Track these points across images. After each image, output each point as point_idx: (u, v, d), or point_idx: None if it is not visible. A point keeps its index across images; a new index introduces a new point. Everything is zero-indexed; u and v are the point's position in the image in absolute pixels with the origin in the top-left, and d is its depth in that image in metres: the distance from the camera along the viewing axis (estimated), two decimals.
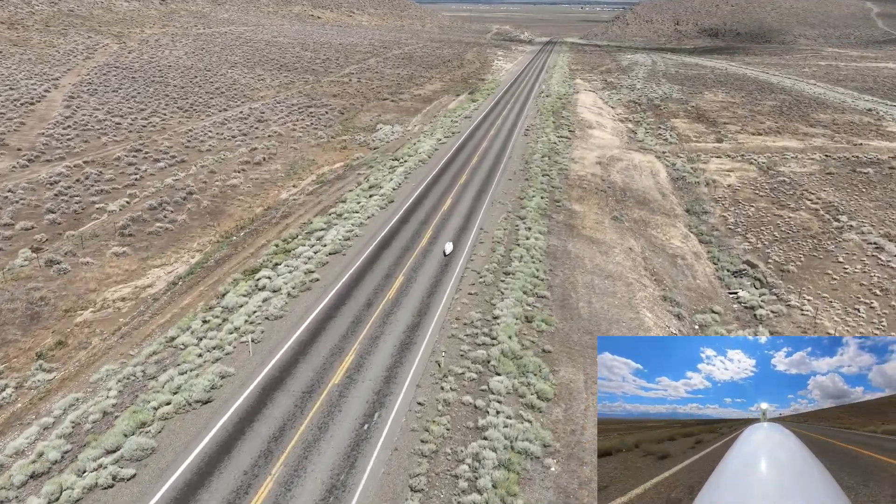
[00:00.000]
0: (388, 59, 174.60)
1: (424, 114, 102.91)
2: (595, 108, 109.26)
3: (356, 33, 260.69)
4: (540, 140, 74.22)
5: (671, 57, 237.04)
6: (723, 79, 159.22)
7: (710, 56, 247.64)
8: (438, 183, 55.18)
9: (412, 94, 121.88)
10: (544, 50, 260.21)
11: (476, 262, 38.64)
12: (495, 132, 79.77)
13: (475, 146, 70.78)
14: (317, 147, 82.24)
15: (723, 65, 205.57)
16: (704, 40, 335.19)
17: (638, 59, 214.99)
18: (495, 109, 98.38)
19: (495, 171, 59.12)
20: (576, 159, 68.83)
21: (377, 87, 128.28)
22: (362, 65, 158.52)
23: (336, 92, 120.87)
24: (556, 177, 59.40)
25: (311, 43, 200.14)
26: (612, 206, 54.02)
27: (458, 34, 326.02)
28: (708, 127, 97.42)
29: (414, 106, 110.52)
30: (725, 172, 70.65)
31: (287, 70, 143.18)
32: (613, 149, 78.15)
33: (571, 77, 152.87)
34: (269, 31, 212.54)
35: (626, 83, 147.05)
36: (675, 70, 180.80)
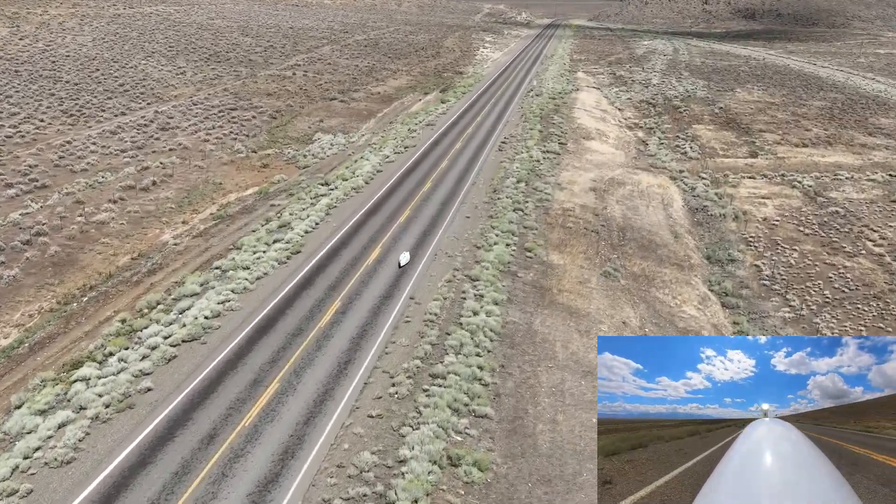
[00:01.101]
0: (346, 47, 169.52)
1: (379, 119, 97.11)
2: (597, 110, 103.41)
3: (314, 14, 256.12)
4: (518, 157, 68.02)
5: (697, 43, 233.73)
6: (759, 71, 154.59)
7: (744, 42, 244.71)
8: (370, 222, 48.57)
9: (368, 93, 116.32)
10: (543, 35, 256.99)
11: (391, 358, 31.50)
12: (462, 145, 73.47)
13: (431, 166, 64.36)
14: (230, 165, 75.93)
15: (760, 53, 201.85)
16: (738, 22, 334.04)
17: (656, 47, 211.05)
18: (469, 113, 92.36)
19: (450, 205, 52.65)
20: (563, 184, 62.41)
21: (326, 83, 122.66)
22: (313, 54, 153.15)
23: (272, 90, 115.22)
24: (532, 212, 52.87)
25: (255, 26, 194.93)
26: (604, 255, 47.30)
27: (441, 15, 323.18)
28: (739, 136, 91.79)
29: (368, 108, 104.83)
30: (760, 200, 64.77)
31: (217, 61, 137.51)
32: (615, 168, 71.98)
33: (572, 70, 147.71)
34: (205, 12, 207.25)
35: (639, 77, 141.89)
36: (701, 60, 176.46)
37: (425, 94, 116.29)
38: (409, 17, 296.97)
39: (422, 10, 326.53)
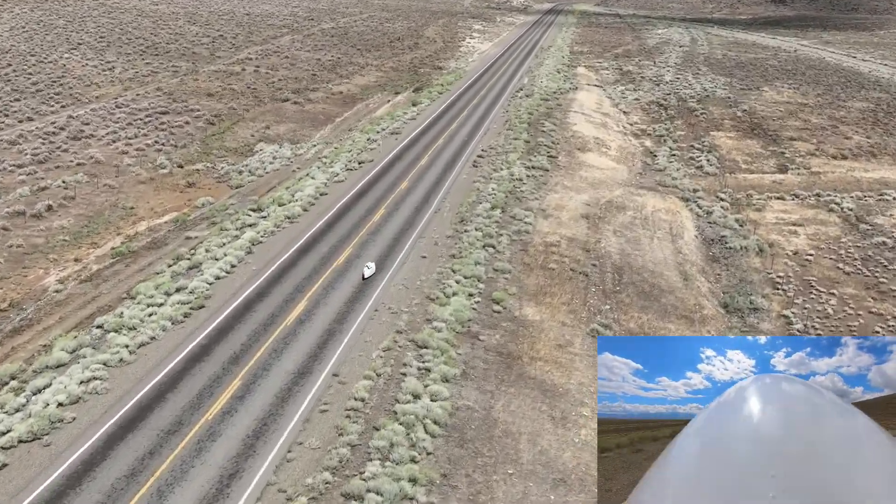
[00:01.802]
0: (309, 38, 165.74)
1: (337, 125, 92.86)
2: (597, 114, 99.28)
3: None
4: (496, 176, 63.80)
5: (719, 32, 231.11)
6: (790, 66, 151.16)
7: (773, 31, 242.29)
8: (299, 265, 44.44)
9: (328, 93, 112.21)
10: (542, 22, 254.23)
11: (293, 468, 26.67)
12: (429, 161, 69.15)
13: (387, 188, 60.07)
14: (147, 184, 71.42)
15: (791, 44, 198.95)
16: (767, 8, 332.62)
17: (671, 36, 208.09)
18: (443, 118, 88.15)
19: (404, 241, 48.39)
20: (549, 210, 58.08)
21: (280, 80, 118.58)
22: (269, 46, 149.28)
23: (215, 89, 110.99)
24: (506, 248, 48.44)
25: (205, 13, 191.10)
26: (593, 306, 42.74)
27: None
28: (766, 145, 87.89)
29: (326, 111, 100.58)
30: (791, 227, 60.59)
31: (154, 54, 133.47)
32: (615, 187, 67.74)
33: (571, 64, 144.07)
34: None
35: (649, 73, 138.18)
36: (723, 52, 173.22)
37: (395, 94, 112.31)
38: (388, 1, 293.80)
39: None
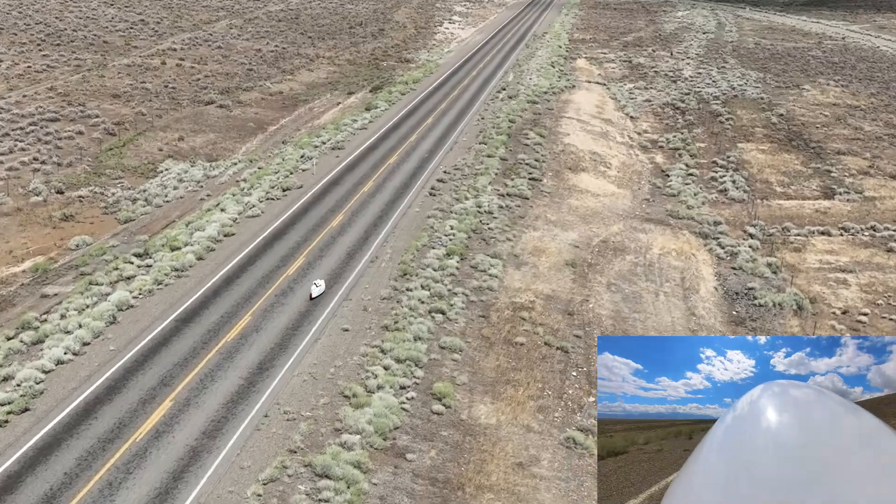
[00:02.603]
0: (252, 23, 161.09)
1: (269, 135, 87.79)
2: (598, 120, 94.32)
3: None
4: (458, 209, 59.09)
5: (751, 15, 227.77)
6: (837, 58, 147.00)
7: (816, 13, 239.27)
8: (176, 342, 39.38)
9: (265, 93, 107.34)
10: (538, 2, 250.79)
11: None
12: (375, 186, 64.18)
13: (316, 224, 55.59)
14: (12, 217, 66.19)
15: (838, 29, 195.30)
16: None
17: (694, 20, 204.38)
18: (402, 127, 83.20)
19: (321, 305, 43.04)
20: (523, 256, 52.95)
21: (208, 76, 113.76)
22: (200, 33, 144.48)
23: (123, 88, 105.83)
24: (459, 314, 43.38)
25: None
26: (573, 399, 37.47)
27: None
28: (807, 161, 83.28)
29: (258, 117, 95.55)
30: (839, 275, 56.02)
31: (55, 43, 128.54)
32: (613, 221, 62.74)
33: (569, 56, 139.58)
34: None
35: (665, 67, 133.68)
36: (755, 41, 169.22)
37: (348, 95, 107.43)
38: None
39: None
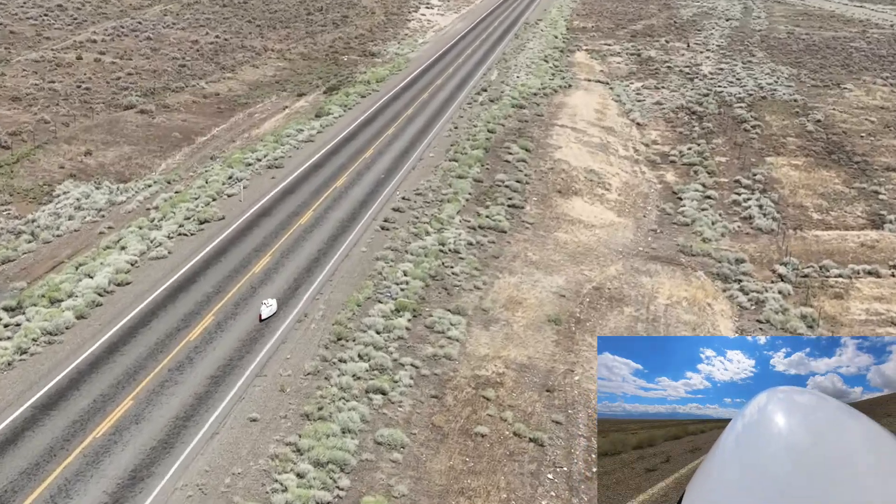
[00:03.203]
0: (191, 8, 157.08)
1: (196, 149, 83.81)
2: (597, 128, 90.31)
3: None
4: (415, 248, 55.68)
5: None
6: (885, 50, 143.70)
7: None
8: (30, 436, 35.93)
9: (198, 95, 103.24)
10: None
11: None
12: (314, 217, 60.71)
13: (234, 269, 51.95)
14: None
15: (886, 15, 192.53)
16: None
17: (716, 4, 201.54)
18: (356, 140, 79.44)
19: (226, 385, 39.35)
20: (494, 310, 48.98)
21: (131, 74, 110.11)
22: (128, 21, 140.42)
23: (26, 90, 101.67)
24: (405, 394, 39.75)
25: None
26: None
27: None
28: (850, 179, 79.80)
29: (186, 126, 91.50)
30: (889, 330, 52.62)
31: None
32: (611, 260, 58.82)
33: (566, 48, 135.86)
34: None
35: (680, 62, 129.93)
36: (788, 29, 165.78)
37: (298, 97, 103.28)
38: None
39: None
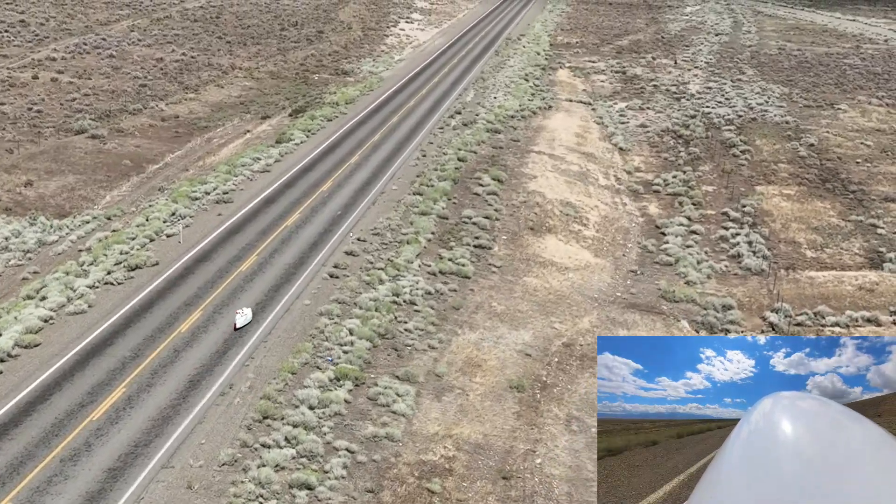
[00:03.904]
0: (160, 23, 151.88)
1: (146, 178, 79.23)
2: (577, 154, 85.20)
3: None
4: (365, 299, 50.92)
5: (773, 11, 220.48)
6: (880, 67, 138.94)
7: (851, 8, 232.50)
8: None
9: (157, 117, 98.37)
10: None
11: None
12: (258, 262, 55.96)
13: (159, 329, 46.72)
14: None
15: (879, 29, 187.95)
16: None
17: (705, 18, 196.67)
18: (316, 169, 74.63)
19: (127, 480, 33.28)
20: (449, 375, 44.82)
21: (88, 94, 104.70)
22: (92, 36, 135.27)
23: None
24: (335, 488, 35.33)
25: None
26: None
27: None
28: (846, 211, 75.42)
29: (139, 152, 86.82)
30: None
31: None
32: (585, 310, 54.28)
33: (548, 65, 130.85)
34: None
35: (667, 80, 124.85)
36: (779, 44, 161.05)
37: (262, 120, 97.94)
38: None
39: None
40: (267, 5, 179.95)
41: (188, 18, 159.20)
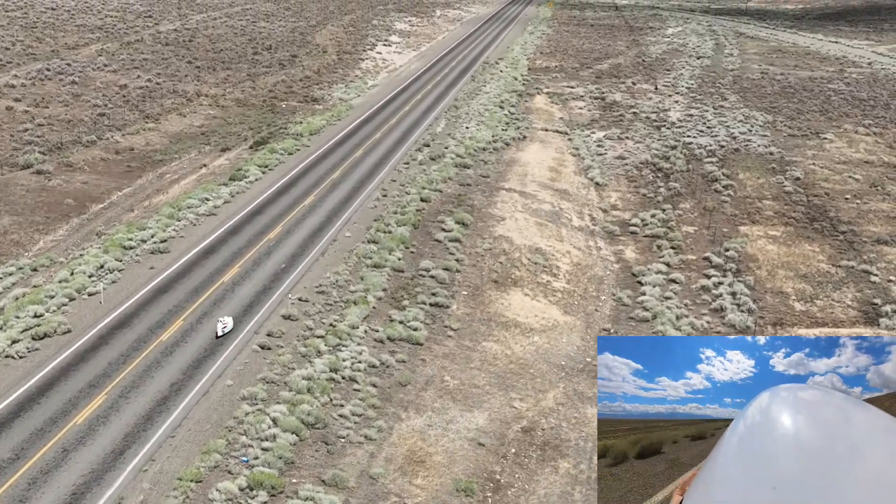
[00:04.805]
0: (130, 47, 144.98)
1: (87, 220, 73.05)
2: (550, 192, 78.49)
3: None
4: (297, 379, 44.05)
5: (755, 32, 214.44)
6: (865, 92, 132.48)
7: (833, 29, 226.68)
8: None
9: (111, 150, 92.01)
10: (501, 16, 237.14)
11: None
12: (183, 329, 49.06)
13: (57, 415, 40.30)
14: None
15: (861, 51, 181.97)
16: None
17: (686, 40, 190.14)
18: (267, 211, 68.06)
19: None
20: (384, 478, 38.59)
21: (42, 125, 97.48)
22: (57, 62, 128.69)
23: None
24: None
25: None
26: None
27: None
28: (836, 255, 69.53)
29: (86, 189, 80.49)
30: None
31: None
32: (550, 380, 48.52)
33: (524, 92, 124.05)
34: None
35: (646, 107, 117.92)
36: (762, 68, 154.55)
37: (221, 153, 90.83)
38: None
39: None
40: (243, 28, 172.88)
41: (160, 42, 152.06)
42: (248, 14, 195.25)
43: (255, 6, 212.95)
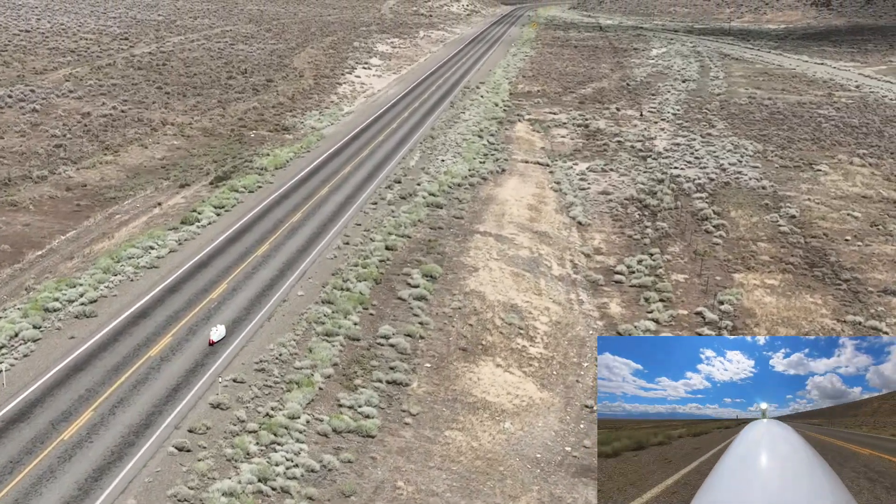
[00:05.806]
0: (101, 71, 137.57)
1: (21, 270, 66.32)
2: (528, 234, 70.75)
3: (93, 3, 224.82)
4: (217, 491, 36.24)
5: (741, 53, 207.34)
6: (856, 118, 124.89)
7: (817, 49, 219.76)
8: None
9: (61, 186, 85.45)
10: (484, 38, 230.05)
11: None
12: (92, 421, 41.65)
13: None
14: None
15: (848, 73, 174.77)
16: (805, 13, 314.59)
17: (671, 62, 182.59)
18: (215, 263, 60.45)
19: None
20: None
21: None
22: (20, 88, 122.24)
23: None
24: None
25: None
26: None
27: (330, 2, 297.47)
28: (840, 307, 63.54)
29: (25, 233, 74.41)
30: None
31: None
32: (522, 481, 41.69)
33: (505, 119, 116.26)
34: None
35: (631, 136, 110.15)
36: (749, 91, 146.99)
37: (180, 189, 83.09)
38: (267, 7, 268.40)
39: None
40: (220, 51, 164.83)
41: (132, 66, 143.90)
42: (227, 36, 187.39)
43: (236, 28, 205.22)
